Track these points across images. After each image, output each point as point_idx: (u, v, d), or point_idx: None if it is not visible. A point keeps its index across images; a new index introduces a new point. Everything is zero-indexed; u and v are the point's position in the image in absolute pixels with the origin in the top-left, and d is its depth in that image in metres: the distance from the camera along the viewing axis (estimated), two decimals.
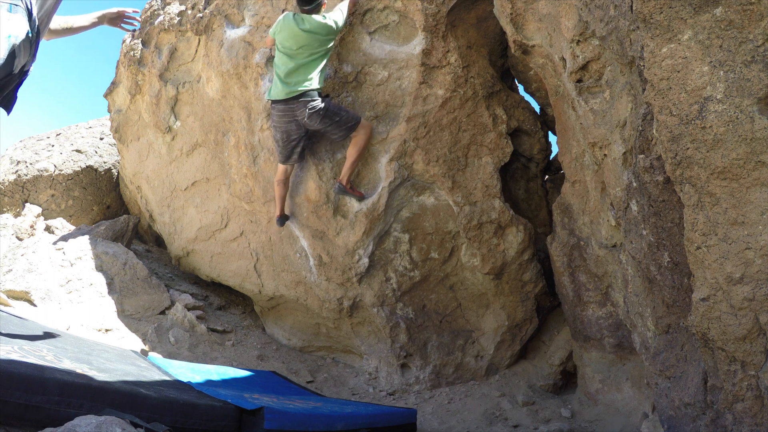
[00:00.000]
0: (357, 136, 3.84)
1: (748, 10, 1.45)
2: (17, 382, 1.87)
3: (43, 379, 1.95)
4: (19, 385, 1.87)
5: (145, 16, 5.26)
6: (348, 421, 2.92)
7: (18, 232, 5.81)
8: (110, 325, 4.28)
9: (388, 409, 3.43)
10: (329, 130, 3.82)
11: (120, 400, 2.09)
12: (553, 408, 3.67)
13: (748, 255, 1.55)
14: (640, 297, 2.36)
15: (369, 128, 3.88)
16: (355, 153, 3.86)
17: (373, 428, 3.03)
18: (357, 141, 3.85)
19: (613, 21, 2.21)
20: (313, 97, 3.70)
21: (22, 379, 1.89)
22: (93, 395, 2.03)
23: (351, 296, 4.28)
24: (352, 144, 3.88)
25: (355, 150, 3.86)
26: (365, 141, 3.86)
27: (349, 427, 2.90)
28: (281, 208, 4.15)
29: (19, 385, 1.87)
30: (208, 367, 3.59)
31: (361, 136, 3.84)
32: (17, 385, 1.86)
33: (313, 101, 3.70)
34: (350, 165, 3.89)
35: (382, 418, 3.17)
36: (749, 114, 1.48)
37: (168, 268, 5.98)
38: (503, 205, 4.08)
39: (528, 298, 4.28)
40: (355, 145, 3.85)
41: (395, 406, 3.80)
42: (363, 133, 3.84)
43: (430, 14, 3.77)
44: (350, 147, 3.89)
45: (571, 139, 3.35)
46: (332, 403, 3.38)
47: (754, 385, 1.61)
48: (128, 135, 5.79)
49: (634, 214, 2.19)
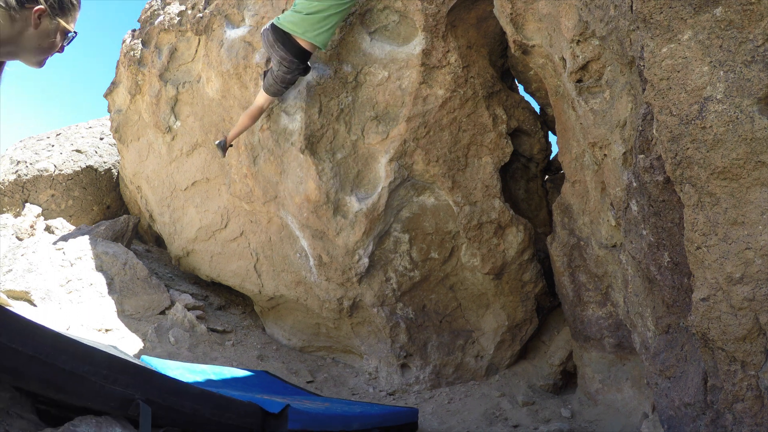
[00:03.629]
0: (258, 105, 3.94)
1: (748, 10, 1.45)
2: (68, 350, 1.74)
3: (91, 351, 1.83)
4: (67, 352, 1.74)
5: (145, 16, 5.27)
6: (362, 420, 2.95)
7: (18, 232, 5.81)
8: (110, 325, 4.28)
9: (393, 409, 3.45)
10: (271, 74, 3.82)
11: (166, 387, 2.03)
12: (553, 408, 3.67)
13: (748, 255, 1.55)
14: (640, 297, 2.36)
15: (268, 103, 3.95)
16: (246, 121, 3.99)
17: (383, 427, 3.07)
18: (253, 109, 3.95)
19: (613, 21, 2.21)
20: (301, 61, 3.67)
21: (72, 346, 1.77)
22: (142, 379, 1.94)
23: (351, 296, 4.28)
24: (249, 108, 3.99)
25: (246, 118, 3.98)
26: (258, 113, 3.97)
27: (364, 426, 2.93)
28: (235, 136, 4.19)
29: (68, 351, 1.74)
30: (203, 367, 3.58)
31: (260, 104, 3.93)
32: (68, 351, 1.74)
33: (289, 55, 3.63)
34: (239, 126, 4.04)
35: (390, 417, 3.21)
36: (749, 114, 1.48)
37: (168, 268, 5.98)
38: (503, 205, 4.08)
39: (528, 298, 4.28)
40: (249, 115, 3.97)
41: (398, 406, 3.81)
42: (265, 102, 3.92)
43: (430, 14, 3.77)
44: (244, 114, 4.01)
45: (571, 139, 3.35)
46: (338, 403, 3.39)
47: (754, 385, 1.61)
48: (128, 135, 5.79)
49: (634, 214, 2.19)
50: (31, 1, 1.55)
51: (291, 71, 3.70)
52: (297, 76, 3.80)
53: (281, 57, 3.63)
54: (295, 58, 3.62)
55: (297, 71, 3.72)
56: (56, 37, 1.62)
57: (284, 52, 3.61)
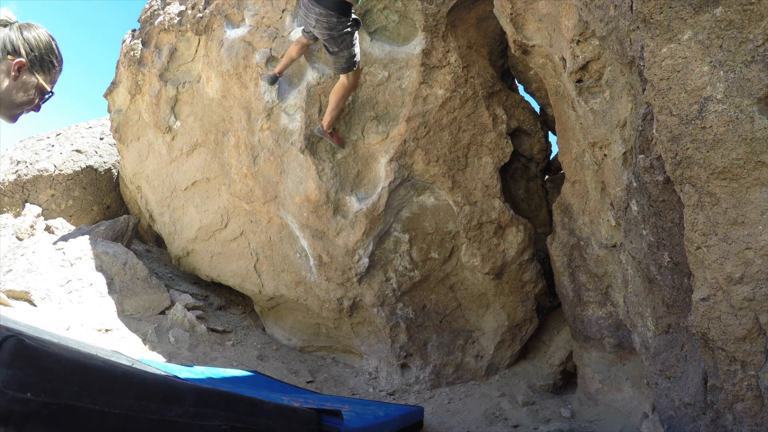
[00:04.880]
0: (343, 81, 3.73)
1: (748, 10, 1.45)
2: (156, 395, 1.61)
3: (180, 390, 1.70)
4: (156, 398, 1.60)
5: (145, 16, 5.27)
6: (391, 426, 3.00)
7: (18, 232, 5.81)
8: (110, 325, 4.28)
9: (406, 408, 3.48)
10: (331, 55, 3.63)
11: (244, 408, 1.97)
12: (553, 408, 3.67)
13: (748, 255, 1.54)
14: (640, 297, 2.36)
15: (358, 77, 3.78)
16: (336, 98, 3.77)
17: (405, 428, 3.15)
18: (341, 85, 3.75)
19: (613, 21, 2.21)
20: (341, 14, 3.41)
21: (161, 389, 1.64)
22: (226, 404, 1.86)
23: (351, 296, 4.28)
24: (336, 88, 3.78)
25: (336, 96, 3.76)
26: (350, 88, 3.76)
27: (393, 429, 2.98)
28: (283, 67, 3.97)
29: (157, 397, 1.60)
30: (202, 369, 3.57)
31: (350, 81, 3.72)
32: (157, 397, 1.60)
33: (337, 18, 3.40)
34: (331, 110, 3.80)
35: (408, 417, 3.27)
36: (749, 114, 1.48)
37: (168, 268, 5.98)
38: (503, 205, 4.08)
39: (528, 298, 4.28)
40: (338, 91, 3.76)
41: (408, 405, 3.83)
42: (353, 78, 3.72)
43: (430, 14, 3.77)
44: (333, 92, 3.79)
45: (571, 139, 3.35)
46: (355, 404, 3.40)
47: (754, 385, 1.61)
48: (128, 135, 5.79)
49: (634, 214, 2.19)
50: (13, 53, 1.53)
51: (333, 27, 3.41)
52: (347, 32, 3.48)
53: (318, 14, 3.40)
54: (332, 11, 3.37)
55: (341, 26, 3.44)
56: (33, 93, 1.60)
57: (319, 7, 3.37)
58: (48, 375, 1.41)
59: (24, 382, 1.36)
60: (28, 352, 1.39)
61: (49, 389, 1.39)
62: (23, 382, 1.36)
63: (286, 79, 4.16)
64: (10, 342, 1.37)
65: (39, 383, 1.39)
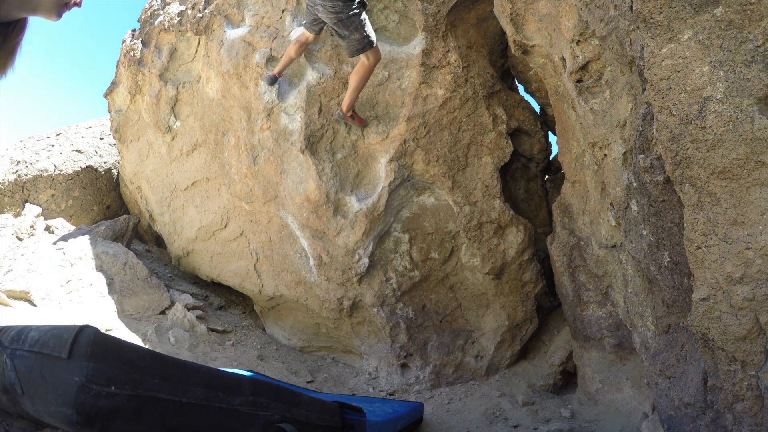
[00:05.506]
0: (363, 61, 3.65)
1: (748, 10, 1.45)
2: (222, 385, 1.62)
3: (238, 379, 1.73)
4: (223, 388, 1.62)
5: (145, 16, 5.27)
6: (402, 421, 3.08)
7: (18, 232, 5.81)
8: (110, 325, 4.28)
9: (409, 405, 3.52)
10: (343, 40, 3.59)
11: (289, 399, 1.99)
12: (553, 408, 3.66)
13: (748, 255, 1.54)
14: (640, 297, 2.36)
15: (378, 55, 3.68)
16: (356, 79, 3.69)
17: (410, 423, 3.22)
18: (361, 66, 3.66)
19: (613, 21, 2.21)
20: None
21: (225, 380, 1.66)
22: (276, 394, 1.88)
23: (351, 296, 4.28)
24: (356, 69, 3.71)
25: (357, 76, 3.68)
26: (370, 68, 3.67)
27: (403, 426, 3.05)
28: (282, 67, 3.95)
29: (223, 387, 1.63)
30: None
31: (370, 62, 3.64)
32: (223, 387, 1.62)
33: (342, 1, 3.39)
34: (351, 91, 3.73)
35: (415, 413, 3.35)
36: (749, 114, 1.48)
37: (168, 268, 5.98)
38: (503, 205, 4.08)
39: (528, 298, 4.28)
40: (359, 71, 3.68)
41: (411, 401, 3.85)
42: (373, 57, 3.63)
43: (430, 14, 3.77)
44: (353, 72, 3.72)
45: (571, 139, 3.35)
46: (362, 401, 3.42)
47: (754, 385, 1.61)
48: (128, 135, 5.79)
49: (634, 214, 2.19)
50: None
51: (340, 10, 3.39)
52: (354, 13, 3.45)
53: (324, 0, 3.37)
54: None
55: (347, 8, 3.42)
56: None
57: None
58: (130, 366, 1.35)
59: (109, 375, 1.28)
60: (108, 342, 1.32)
61: (132, 381, 1.33)
62: (108, 375, 1.28)
63: (286, 79, 4.16)
64: (89, 332, 1.28)
65: (123, 375, 1.32)
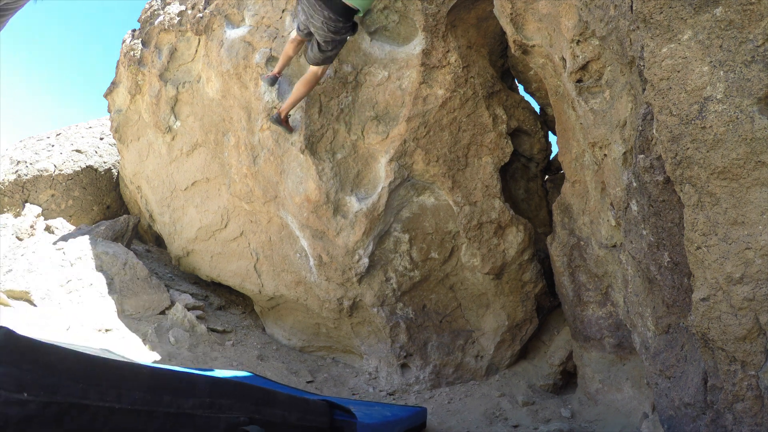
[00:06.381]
0: (316, 71, 3.80)
1: (748, 10, 1.45)
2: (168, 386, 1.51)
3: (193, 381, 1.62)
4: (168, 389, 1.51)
5: (145, 16, 5.27)
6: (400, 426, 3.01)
7: (18, 232, 5.81)
8: (110, 325, 4.28)
9: (411, 409, 3.49)
10: (315, 44, 3.71)
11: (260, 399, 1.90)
12: (553, 408, 3.66)
13: (748, 255, 1.54)
14: (640, 297, 2.36)
15: (323, 73, 3.84)
16: (304, 88, 3.84)
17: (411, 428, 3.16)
18: (313, 75, 3.81)
19: (613, 21, 2.21)
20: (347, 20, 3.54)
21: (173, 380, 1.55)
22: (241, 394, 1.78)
23: (351, 296, 4.28)
24: (306, 78, 3.84)
25: (306, 86, 3.83)
26: (317, 79, 3.83)
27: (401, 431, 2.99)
28: (281, 67, 4.06)
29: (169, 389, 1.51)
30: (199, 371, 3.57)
31: (319, 74, 3.81)
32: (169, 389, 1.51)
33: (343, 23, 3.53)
34: (294, 98, 3.88)
35: (415, 418, 3.28)
36: (749, 114, 1.48)
37: (168, 268, 5.98)
38: (503, 205, 4.08)
39: (528, 298, 4.28)
40: (309, 80, 3.83)
41: (410, 406, 3.83)
42: (323, 70, 3.80)
43: (430, 14, 3.77)
44: (302, 81, 3.86)
45: (571, 139, 3.35)
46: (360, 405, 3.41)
47: (754, 385, 1.61)
48: (128, 135, 5.79)
49: (634, 214, 2.19)
50: None
51: (338, 31, 3.55)
52: (345, 37, 3.66)
53: (326, 17, 3.50)
54: (340, 17, 3.50)
55: (344, 30, 3.58)
56: None
57: (329, 11, 3.47)
58: (47, 370, 1.24)
59: (21, 380, 1.19)
60: (21, 344, 1.21)
61: (49, 387, 1.23)
62: (20, 380, 1.19)
63: (286, 79, 4.16)
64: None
65: (38, 380, 1.22)
